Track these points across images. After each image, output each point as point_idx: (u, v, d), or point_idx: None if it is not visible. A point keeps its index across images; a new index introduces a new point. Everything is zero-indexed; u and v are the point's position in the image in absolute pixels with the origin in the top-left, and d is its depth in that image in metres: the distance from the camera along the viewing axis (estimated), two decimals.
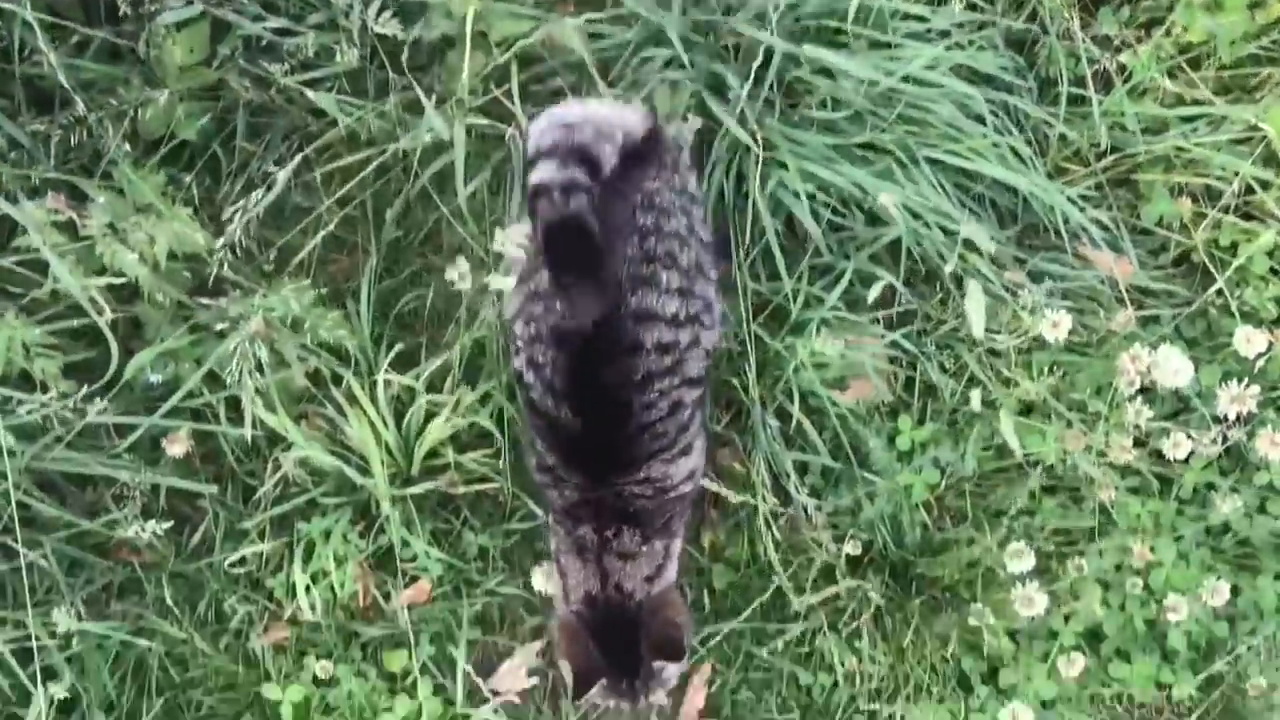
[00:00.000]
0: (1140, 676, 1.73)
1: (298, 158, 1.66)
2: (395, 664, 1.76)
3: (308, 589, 1.72)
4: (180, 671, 1.76)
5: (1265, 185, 1.75)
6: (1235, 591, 1.72)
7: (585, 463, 1.56)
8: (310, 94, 1.71)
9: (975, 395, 1.62)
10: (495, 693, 1.76)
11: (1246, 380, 1.56)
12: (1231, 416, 1.57)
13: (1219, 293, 1.78)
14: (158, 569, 1.77)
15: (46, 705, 1.56)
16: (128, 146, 1.68)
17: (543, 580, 1.73)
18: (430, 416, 1.75)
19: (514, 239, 1.46)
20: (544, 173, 1.48)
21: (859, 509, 1.75)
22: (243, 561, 1.77)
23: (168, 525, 1.66)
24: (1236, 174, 1.74)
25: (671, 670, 1.57)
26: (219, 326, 1.63)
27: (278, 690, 1.73)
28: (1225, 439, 1.61)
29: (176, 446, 1.64)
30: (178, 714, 1.76)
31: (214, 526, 1.79)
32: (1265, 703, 1.74)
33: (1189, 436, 1.61)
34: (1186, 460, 1.69)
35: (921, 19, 1.75)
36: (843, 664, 1.70)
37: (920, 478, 1.75)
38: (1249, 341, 1.60)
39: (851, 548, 1.67)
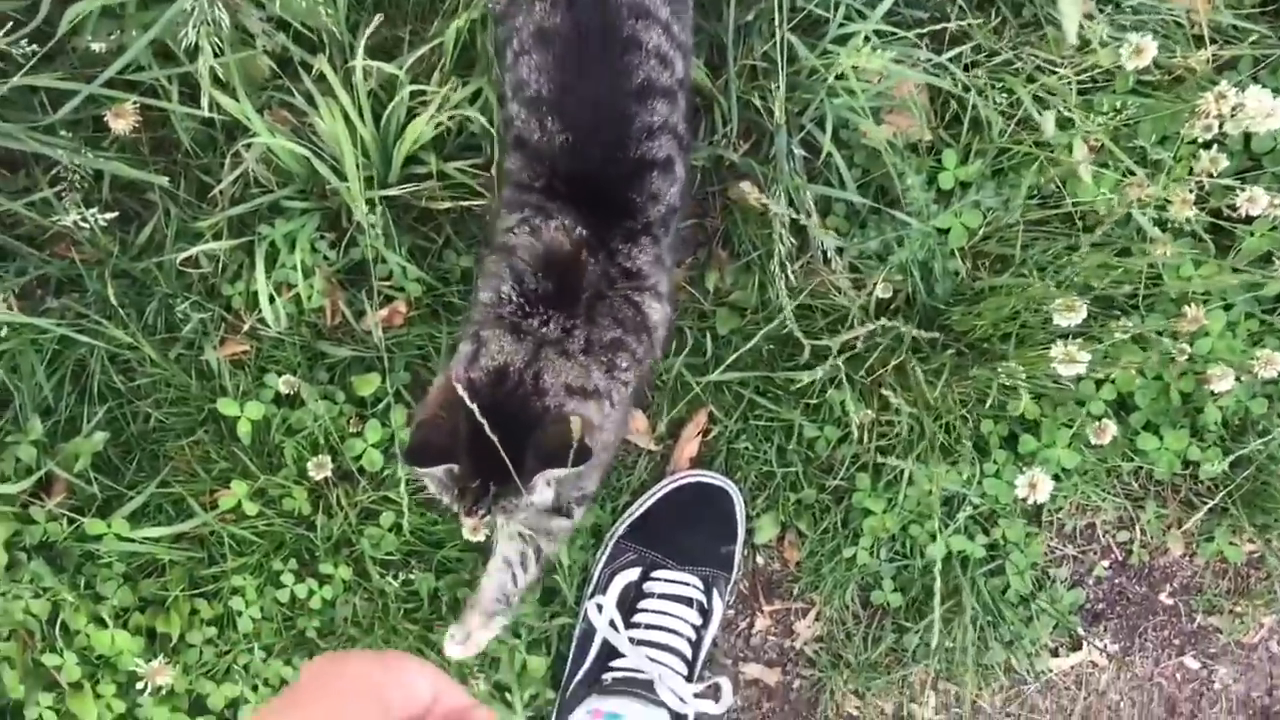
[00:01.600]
0: (1169, 451, 1.61)
1: None
2: (366, 389, 1.60)
3: (271, 299, 1.54)
4: (125, 380, 1.59)
5: None
6: None
7: (574, 183, 1.32)
8: None
9: (1049, 118, 1.42)
10: None
11: None
12: None
13: None
14: (100, 266, 1.58)
15: None
16: None
17: None
18: (413, 116, 1.54)
19: None
20: None
21: (887, 253, 1.58)
22: (196, 263, 1.57)
23: (112, 217, 1.46)
24: None
25: (542, 493, 1.24)
26: None
27: (234, 406, 1.56)
28: None
29: (121, 121, 1.42)
30: (122, 425, 1.59)
31: (164, 224, 1.59)
32: None
33: (1266, 190, 1.44)
34: (1250, 222, 1.54)
35: None
36: (855, 416, 1.56)
37: (960, 220, 1.58)
38: None
39: (883, 290, 1.50)
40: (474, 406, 1.16)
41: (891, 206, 1.61)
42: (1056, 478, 1.60)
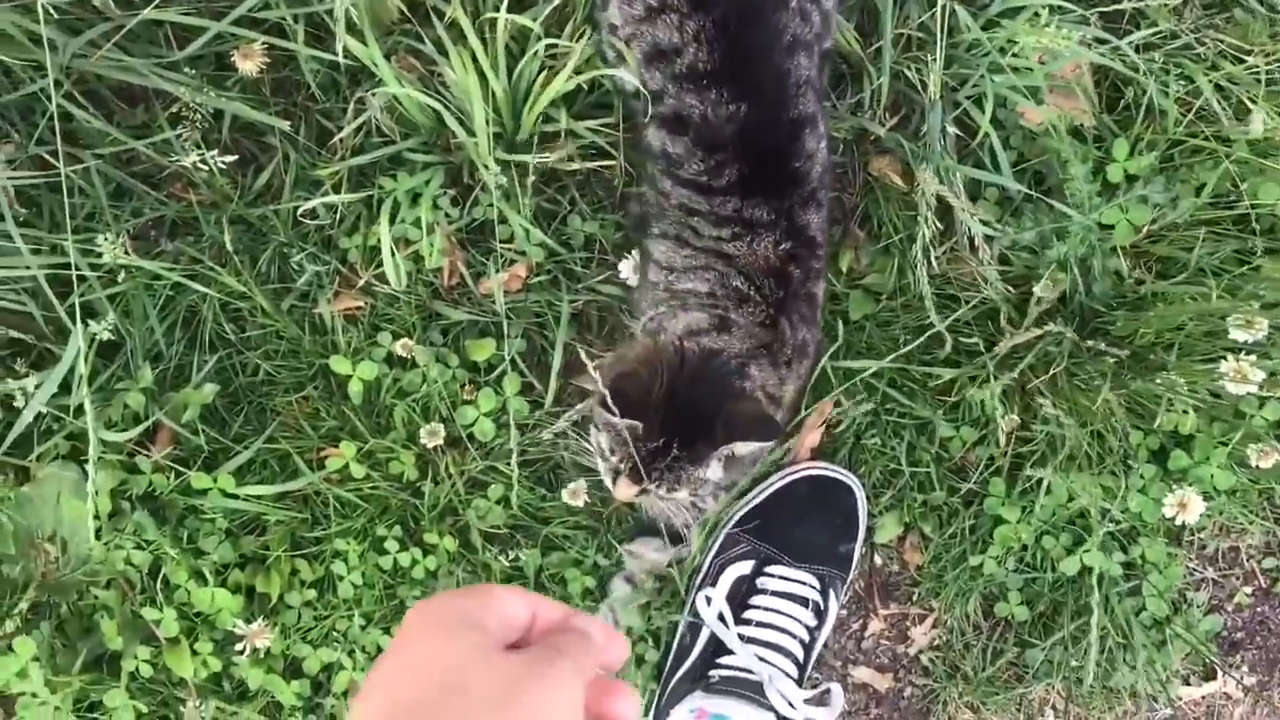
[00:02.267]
0: None
1: None
2: (480, 354, 1.53)
3: (391, 254, 1.47)
4: (236, 330, 1.53)
5: None
6: None
7: (750, 156, 1.30)
8: None
9: (1257, 117, 1.30)
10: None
11: None
12: None
13: None
14: (217, 210, 1.52)
15: (86, 344, 1.35)
16: None
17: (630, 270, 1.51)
18: (541, 71, 1.46)
19: None
20: None
21: (1044, 246, 1.47)
22: (314, 215, 1.51)
23: (231, 160, 1.40)
24: None
25: (713, 470, 1.24)
26: None
27: (347, 364, 1.51)
28: None
29: (249, 62, 1.36)
30: (231, 375, 1.54)
31: (283, 170, 1.53)
32: None
33: None
34: None
35: None
36: (1001, 422, 1.46)
37: (1126, 216, 1.46)
38: None
39: (1043, 289, 1.39)
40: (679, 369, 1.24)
41: (1047, 195, 1.51)
42: (1206, 497, 1.49)
